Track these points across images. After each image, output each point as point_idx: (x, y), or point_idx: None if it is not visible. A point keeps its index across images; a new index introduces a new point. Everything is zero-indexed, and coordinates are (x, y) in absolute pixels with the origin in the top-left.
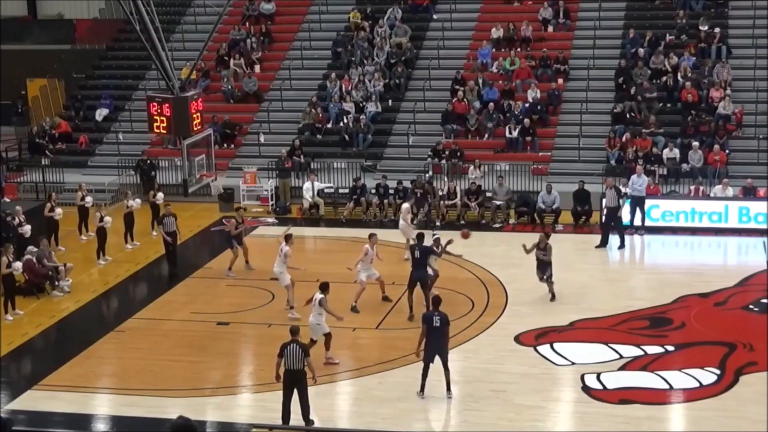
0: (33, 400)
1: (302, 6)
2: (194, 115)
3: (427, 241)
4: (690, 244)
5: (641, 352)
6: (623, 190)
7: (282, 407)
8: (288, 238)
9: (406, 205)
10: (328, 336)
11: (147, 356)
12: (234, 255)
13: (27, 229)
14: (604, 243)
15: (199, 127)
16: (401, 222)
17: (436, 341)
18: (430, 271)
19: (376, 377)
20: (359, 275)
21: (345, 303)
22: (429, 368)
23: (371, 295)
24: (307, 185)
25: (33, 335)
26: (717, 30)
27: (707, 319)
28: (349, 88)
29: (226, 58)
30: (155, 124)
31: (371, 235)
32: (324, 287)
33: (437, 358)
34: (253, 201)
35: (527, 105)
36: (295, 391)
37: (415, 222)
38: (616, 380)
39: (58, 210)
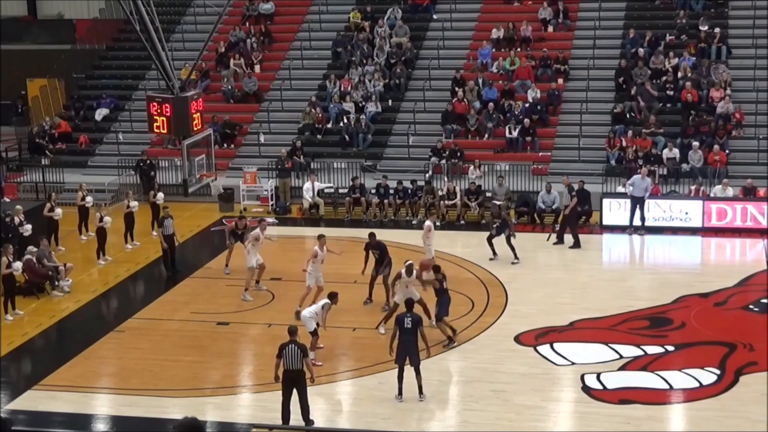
0: (33, 400)
1: (302, 6)
2: (194, 115)
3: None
4: (690, 244)
5: (641, 352)
6: (622, 189)
7: (282, 407)
8: (261, 221)
9: (428, 223)
10: (312, 334)
11: (147, 356)
12: (229, 251)
13: (27, 228)
14: (576, 243)
15: (199, 127)
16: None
17: (407, 343)
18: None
19: (376, 377)
20: (308, 279)
21: (342, 303)
22: (403, 370)
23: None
24: (307, 185)
25: (33, 335)
26: (717, 30)
27: (707, 319)
28: (349, 88)
29: (225, 58)
30: (155, 124)
31: (320, 236)
32: (332, 296)
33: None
34: (253, 201)
35: (527, 105)
36: (295, 391)
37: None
38: (616, 380)
39: (58, 210)
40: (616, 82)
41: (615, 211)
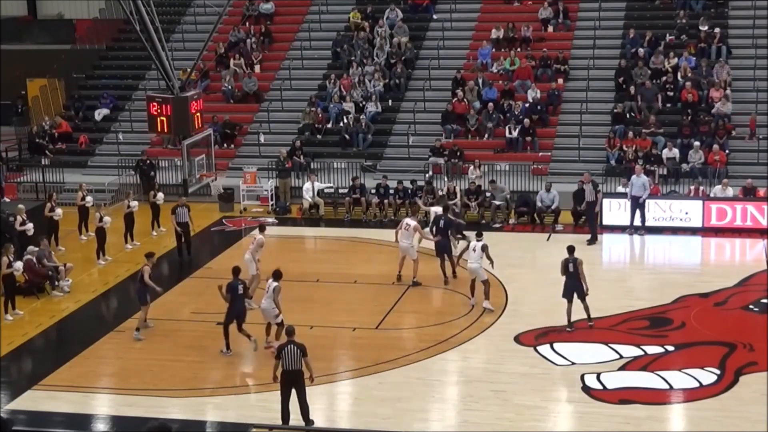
0: (33, 400)
1: (302, 6)
2: (194, 115)
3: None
4: (690, 244)
5: (641, 352)
6: (622, 189)
7: (281, 407)
8: (262, 228)
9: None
10: (279, 325)
11: (147, 356)
12: (144, 311)
13: (30, 227)
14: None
15: (199, 127)
16: None
17: (237, 307)
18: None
19: (376, 377)
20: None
21: (342, 303)
22: (228, 329)
23: (371, 294)
24: (307, 185)
25: (33, 335)
26: (717, 30)
27: (707, 319)
28: (349, 88)
29: (225, 58)
30: (156, 125)
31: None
32: (276, 275)
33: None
34: (253, 201)
35: (527, 105)
36: (294, 391)
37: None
38: (616, 380)
39: (59, 210)
40: (616, 82)
41: (615, 211)
